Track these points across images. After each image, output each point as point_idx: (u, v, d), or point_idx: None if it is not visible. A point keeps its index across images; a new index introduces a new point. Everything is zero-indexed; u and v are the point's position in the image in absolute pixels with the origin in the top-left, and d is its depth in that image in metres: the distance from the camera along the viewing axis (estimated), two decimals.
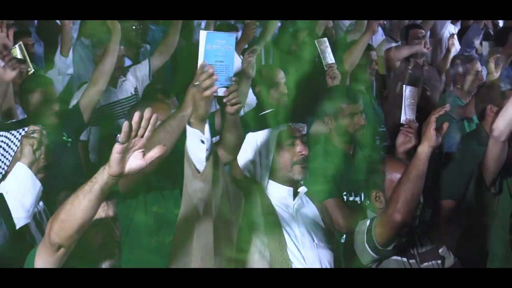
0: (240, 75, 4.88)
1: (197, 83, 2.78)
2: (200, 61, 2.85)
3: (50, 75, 5.94)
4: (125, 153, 2.46)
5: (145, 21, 7.61)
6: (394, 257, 3.58)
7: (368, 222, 3.54)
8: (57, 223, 2.60)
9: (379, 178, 3.69)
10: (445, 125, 3.50)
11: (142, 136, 2.46)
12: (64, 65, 6.25)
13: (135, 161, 2.49)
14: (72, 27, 6.55)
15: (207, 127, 2.78)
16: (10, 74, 4.45)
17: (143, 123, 2.44)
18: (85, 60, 7.04)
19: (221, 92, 2.93)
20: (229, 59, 2.88)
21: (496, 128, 3.93)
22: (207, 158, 2.80)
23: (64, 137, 5.07)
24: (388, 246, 3.49)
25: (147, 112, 2.44)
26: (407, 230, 3.59)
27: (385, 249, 3.50)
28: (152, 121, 2.45)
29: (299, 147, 3.26)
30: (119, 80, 6.01)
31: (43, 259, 2.72)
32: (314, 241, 3.27)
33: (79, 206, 2.54)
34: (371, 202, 3.71)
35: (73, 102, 5.60)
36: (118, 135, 2.42)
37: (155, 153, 2.50)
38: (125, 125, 2.40)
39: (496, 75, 5.66)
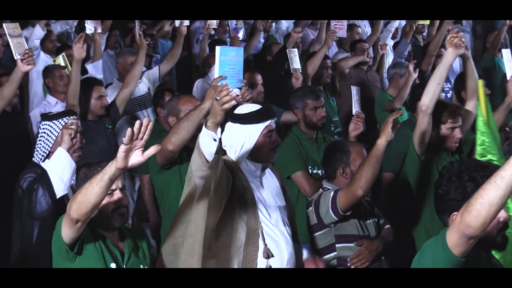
0: None
1: (218, 98, 2.72)
2: (216, 68, 2.82)
3: None
4: (128, 152, 2.43)
5: (156, 37, 7.53)
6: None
7: (332, 193, 3.49)
8: (75, 204, 2.56)
9: (345, 155, 3.66)
10: (397, 125, 3.56)
11: (141, 139, 2.43)
12: (95, 72, 6.15)
13: (136, 157, 2.46)
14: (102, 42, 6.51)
15: (219, 129, 2.75)
16: (26, 67, 4.26)
17: (142, 129, 2.41)
18: (110, 67, 6.93)
19: (236, 91, 2.91)
20: (239, 66, 2.88)
21: (423, 104, 3.81)
22: (216, 152, 2.74)
23: (106, 124, 4.97)
24: (348, 212, 3.48)
25: (145, 121, 2.42)
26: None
27: (345, 214, 3.48)
28: (149, 127, 2.42)
29: (274, 137, 3.17)
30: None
31: (66, 229, 2.68)
32: (276, 203, 3.17)
33: (93, 191, 2.51)
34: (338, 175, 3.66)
35: None
36: (123, 138, 2.39)
37: (151, 151, 2.47)
38: (128, 131, 2.38)
39: (415, 75, 5.56)
